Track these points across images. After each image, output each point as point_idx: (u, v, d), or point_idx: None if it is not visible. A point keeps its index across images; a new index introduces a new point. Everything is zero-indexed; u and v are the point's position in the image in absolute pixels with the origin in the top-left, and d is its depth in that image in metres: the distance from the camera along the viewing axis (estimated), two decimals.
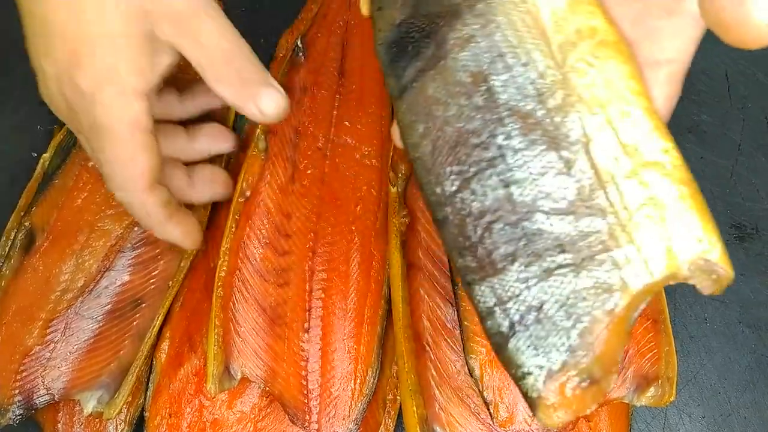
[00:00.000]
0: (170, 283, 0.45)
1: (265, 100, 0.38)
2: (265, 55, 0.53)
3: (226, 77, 0.37)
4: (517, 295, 0.28)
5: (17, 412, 0.42)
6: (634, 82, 0.28)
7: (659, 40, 0.29)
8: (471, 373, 0.39)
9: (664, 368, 0.40)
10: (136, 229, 0.45)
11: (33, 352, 0.43)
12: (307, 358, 0.42)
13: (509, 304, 0.28)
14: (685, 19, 0.27)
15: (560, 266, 0.28)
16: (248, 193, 0.45)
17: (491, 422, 0.39)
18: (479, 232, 0.29)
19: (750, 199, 0.49)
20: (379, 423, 0.42)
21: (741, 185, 0.50)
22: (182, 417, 0.42)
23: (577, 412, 0.27)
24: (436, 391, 0.40)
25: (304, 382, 0.41)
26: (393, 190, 0.44)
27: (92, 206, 0.46)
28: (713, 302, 0.46)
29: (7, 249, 0.45)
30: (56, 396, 0.42)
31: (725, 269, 0.26)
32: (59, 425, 0.43)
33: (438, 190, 0.30)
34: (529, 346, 0.28)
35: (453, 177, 0.29)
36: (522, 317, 0.28)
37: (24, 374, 0.42)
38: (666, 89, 0.29)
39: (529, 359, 0.27)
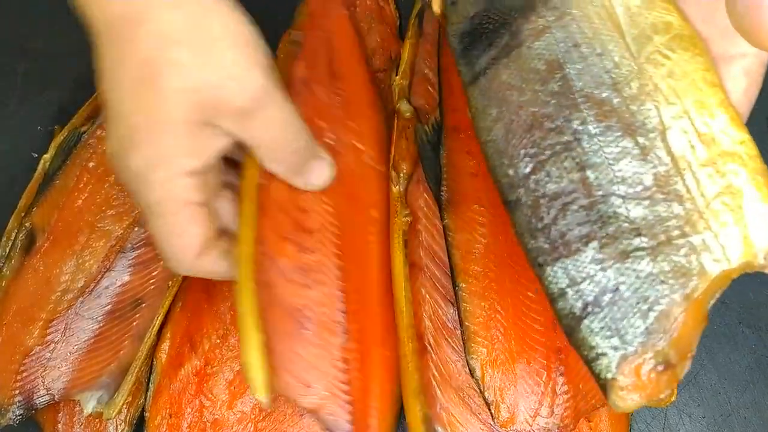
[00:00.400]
0: (170, 283, 0.45)
1: (314, 175, 0.40)
2: None
3: (282, 159, 0.37)
4: (592, 276, 0.28)
5: (17, 412, 0.42)
6: (710, 74, 0.29)
7: (731, 35, 0.29)
8: (472, 374, 0.39)
9: None
10: (136, 229, 0.45)
11: (33, 352, 0.43)
12: (344, 369, 0.39)
13: (583, 285, 0.28)
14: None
15: (637, 249, 0.28)
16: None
17: (492, 422, 0.39)
18: (553, 213, 0.29)
19: None
20: None
21: None
22: (182, 417, 0.42)
23: (650, 397, 0.27)
24: (438, 391, 0.40)
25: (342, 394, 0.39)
26: (395, 189, 0.44)
27: (93, 207, 0.46)
28: (714, 303, 0.46)
29: (7, 249, 0.45)
30: (56, 396, 0.42)
31: None
32: (59, 425, 0.43)
33: (511, 171, 0.31)
34: (603, 328, 0.28)
35: (527, 159, 0.30)
36: (597, 298, 0.28)
37: (24, 374, 0.42)
38: (742, 82, 0.30)
39: (603, 340, 0.28)
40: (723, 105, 0.29)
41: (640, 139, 0.29)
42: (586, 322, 0.28)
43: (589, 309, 0.28)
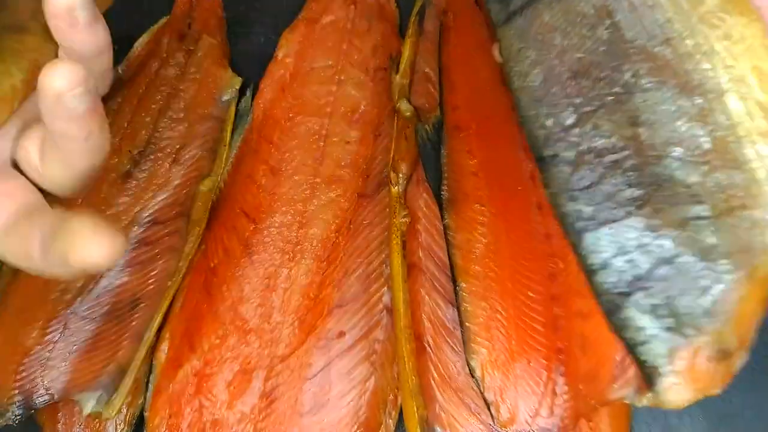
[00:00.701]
0: (169, 283, 0.45)
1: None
2: (265, 55, 0.53)
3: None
4: (645, 245, 0.25)
5: (17, 412, 0.41)
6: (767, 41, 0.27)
7: None
8: (472, 374, 0.39)
9: None
10: (134, 228, 0.45)
11: (32, 352, 0.42)
12: None
13: (634, 255, 0.25)
14: None
15: (697, 217, 0.25)
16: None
17: (492, 423, 0.39)
18: (600, 172, 0.26)
19: None
20: (380, 423, 0.42)
21: None
22: (182, 417, 0.42)
23: (705, 390, 0.25)
24: (437, 392, 0.40)
25: None
26: (394, 190, 0.44)
27: (91, 207, 0.46)
28: None
29: None
30: (56, 396, 0.42)
31: None
32: (59, 425, 0.43)
33: (549, 122, 0.28)
34: (655, 306, 0.25)
35: (571, 109, 0.27)
36: (650, 271, 0.25)
37: (23, 374, 0.42)
38: None
39: (655, 321, 0.25)
40: None
41: (698, 100, 0.26)
42: (634, 298, 0.25)
43: (640, 283, 0.25)
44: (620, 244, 0.25)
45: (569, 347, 0.39)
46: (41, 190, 0.30)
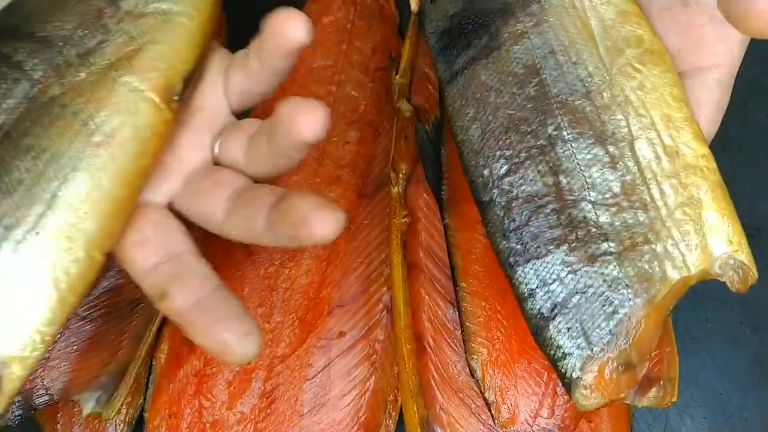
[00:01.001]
0: None
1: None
2: None
3: None
4: (562, 278, 0.29)
5: (17, 413, 0.41)
6: (677, 90, 0.31)
7: (706, 46, 0.31)
8: (472, 374, 0.39)
9: (666, 369, 0.40)
10: None
11: None
12: None
13: (553, 286, 0.29)
14: (728, 24, 0.28)
15: (605, 253, 0.29)
16: None
17: (492, 423, 0.39)
18: (526, 215, 0.30)
19: (752, 199, 0.49)
20: (380, 424, 0.42)
21: (743, 185, 0.49)
22: (182, 417, 0.42)
23: (612, 396, 0.28)
24: (437, 392, 0.40)
25: None
26: (394, 190, 0.44)
27: None
28: (714, 303, 0.46)
29: None
30: (55, 396, 0.42)
31: (751, 269, 0.29)
32: (59, 425, 0.43)
33: (486, 172, 0.31)
34: (570, 328, 0.29)
35: (503, 160, 0.31)
36: (565, 299, 0.29)
37: None
38: (715, 94, 0.31)
39: (570, 341, 0.29)
40: (687, 120, 0.30)
41: (610, 148, 0.30)
42: (554, 322, 0.29)
43: (558, 310, 0.29)
44: (542, 277, 0.30)
45: None
46: None
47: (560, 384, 0.38)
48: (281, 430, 0.41)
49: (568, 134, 0.30)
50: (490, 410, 0.38)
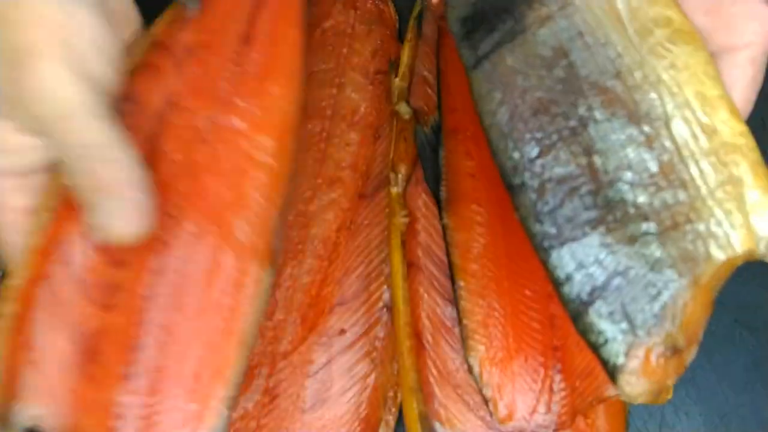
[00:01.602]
0: None
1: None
2: None
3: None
4: (601, 261, 0.28)
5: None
6: (710, 68, 0.30)
7: (735, 25, 0.30)
8: (470, 371, 0.39)
9: None
10: None
11: None
12: (123, 416, 0.30)
13: (592, 269, 0.28)
14: (758, 1, 0.29)
15: (645, 234, 0.28)
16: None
17: (490, 419, 0.39)
18: (560, 197, 0.30)
19: None
20: (380, 419, 0.42)
21: None
22: None
23: (659, 383, 0.27)
24: (436, 389, 0.40)
25: None
26: (393, 190, 0.45)
27: None
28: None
29: None
30: None
31: None
32: None
33: (516, 155, 0.31)
34: (612, 312, 0.28)
35: (533, 143, 0.31)
36: (605, 282, 0.28)
37: None
38: (748, 71, 0.31)
39: (612, 325, 0.28)
40: (723, 98, 0.30)
41: (645, 127, 0.30)
42: (594, 306, 0.28)
43: (598, 293, 0.28)
44: (580, 260, 0.29)
45: (566, 345, 0.39)
46: None
47: (556, 381, 0.39)
48: (283, 425, 0.41)
49: (599, 115, 0.30)
50: (487, 406, 0.39)
